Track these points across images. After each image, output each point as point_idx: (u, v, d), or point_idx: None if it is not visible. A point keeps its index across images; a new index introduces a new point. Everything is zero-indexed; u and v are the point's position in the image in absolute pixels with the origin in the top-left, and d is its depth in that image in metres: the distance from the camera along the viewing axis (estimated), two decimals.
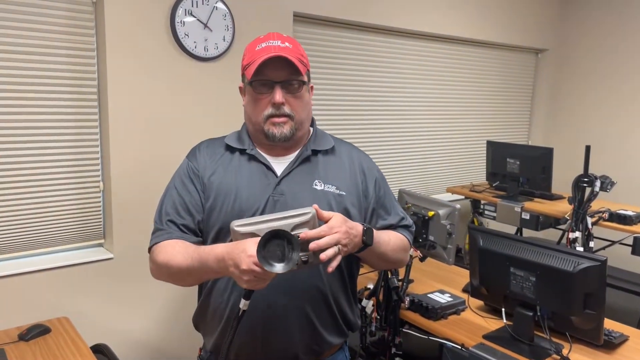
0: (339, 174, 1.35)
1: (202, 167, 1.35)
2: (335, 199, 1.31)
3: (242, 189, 1.30)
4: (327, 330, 1.33)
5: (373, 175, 1.40)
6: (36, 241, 2.14)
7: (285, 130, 1.28)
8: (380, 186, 1.41)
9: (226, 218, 1.27)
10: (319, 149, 1.36)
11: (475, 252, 1.80)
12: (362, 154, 1.44)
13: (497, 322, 1.85)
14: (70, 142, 2.15)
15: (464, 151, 3.97)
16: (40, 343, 1.76)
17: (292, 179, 1.31)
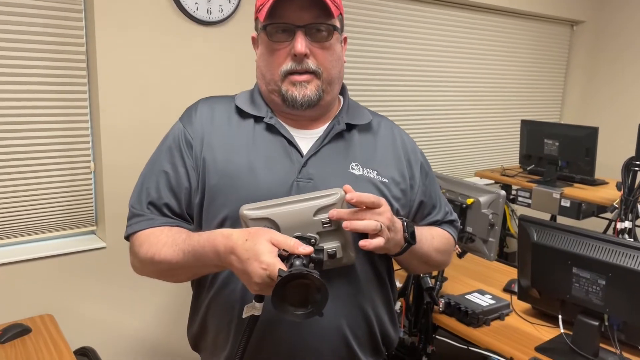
0: (381, 157, 1.07)
1: (198, 135, 1.04)
2: (377, 188, 1.03)
3: (258, 170, 0.99)
4: (364, 351, 1.05)
5: (418, 159, 1.14)
6: (20, 228, 1.90)
7: (309, 91, 0.97)
8: (427, 174, 1.15)
9: (235, 206, 0.94)
10: (355, 123, 1.07)
11: (526, 247, 1.50)
12: (404, 133, 1.17)
13: (550, 331, 1.56)
14: (57, 117, 1.89)
15: (493, 131, 3.64)
16: (18, 346, 1.53)
17: (322, 159, 1.01)
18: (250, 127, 1.04)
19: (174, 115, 2.07)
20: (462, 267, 2.04)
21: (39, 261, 1.88)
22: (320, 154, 1.01)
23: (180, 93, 2.08)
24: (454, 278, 1.92)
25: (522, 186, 3.17)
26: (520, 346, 1.47)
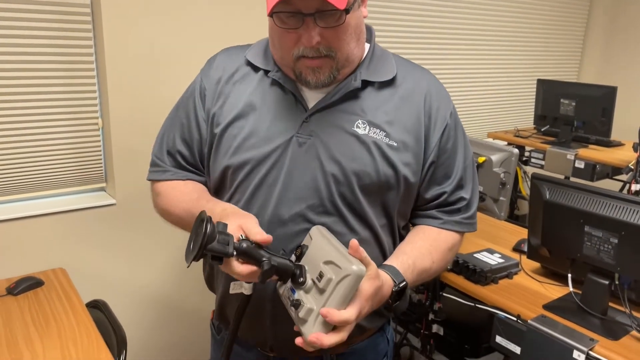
0: (395, 117, 0.98)
1: (212, 87, 1.04)
2: (381, 151, 0.96)
3: (260, 123, 0.98)
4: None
5: (443, 119, 1.01)
6: (31, 184, 1.91)
7: (322, 76, 0.93)
8: (450, 137, 1.02)
9: (235, 156, 0.98)
10: (373, 79, 0.98)
11: (538, 206, 1.48)
12: (435, 87, 1.04)
13: (558, 290, 1.55)
14: (64, 73, 1.87)
15: (508, 91, 3.55)
16: (31, 298, 1.56)
17: (328, 116, 0.97)
18: (259, 80, 1.02)
19: (181, 70, 2.04)
20: None
21: (50, 217, 1.90)
22: (327, 110, 0.97)
23: (188, 48, 2.03)
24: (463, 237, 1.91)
25: (535, 147, 3.11)
26: (528, 304, 1.47)
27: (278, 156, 0.97)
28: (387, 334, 1.16)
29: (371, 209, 0.99)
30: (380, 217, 1.01)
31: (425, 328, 1.67)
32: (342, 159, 0.95)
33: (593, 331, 1.33)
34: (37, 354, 1.29)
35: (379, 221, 1.01)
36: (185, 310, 2.26)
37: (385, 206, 1.01)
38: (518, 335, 1.39)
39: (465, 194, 1.06)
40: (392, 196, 1.00)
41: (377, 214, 1.00)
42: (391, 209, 1.02)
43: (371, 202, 0.98)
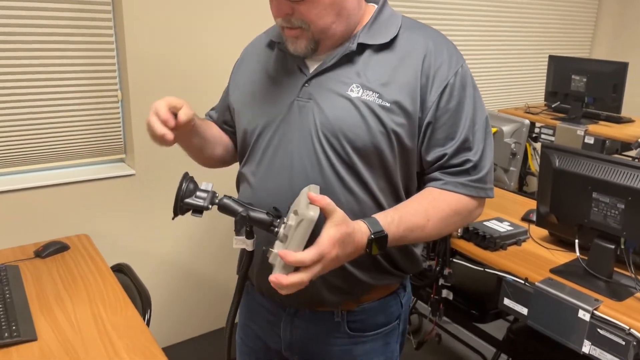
0: (390, 78, 0.98)
1: (241, 60, 1.20)
2: (373, 112, 0.97)
3: (265, 90, 1.07)
4: (361, 269, 1.05)
5: (443, 79, 0.98)
6: (54, 154, 1.97)
7: (298, 47, 0.99)
8: (452, 97, 0.99)
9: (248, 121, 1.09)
10: (370, 42, 1.00)
11: (547, 174, 1.52)
12: (438, 47, 1.01)
13: (566, 255, 1.60)
14: (83, 46, 1.92)
15: (519, 68, 3.56)
16: (58, 260, 1.63)
17: (325, 80, 1.01)
18: (271, 52, 1.11)
19: (200, 42, 2.08)
20: None
21: (73, 185, 1.97)
22: (325, 75, 1.01)
23: (207, 20, 2.07)
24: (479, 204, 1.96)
25: (545, 123, 3.13)
26: (536, 268, 1.52)
27: (281, 119, 1.03)
28: (402, 299, 1.17)
29: (368, 171, 1.00)
30: (380, 179, 1.02)
31: (435, 293, 1.73)
32: (335, 122, 0.98)
33: (598, 293, 1.38)
34: (68, 311, 1.36)
35: (377, 184, 1.02)
36: (203, 277, 2.34)
37: (384, 169, 1.01)
38: (525, 297, 1.45)
39: (472, 156, 1.01)
40: (390, 158, 1.00)
41: (375, 176, 1.01)
42: (392, 171, 1.02)
43: (367, 164, 1.00)
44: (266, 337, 1.19)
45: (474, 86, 1.04)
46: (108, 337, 1.26)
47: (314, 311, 1.10)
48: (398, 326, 1.17)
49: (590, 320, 1.29)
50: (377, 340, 1.13)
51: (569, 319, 1.33)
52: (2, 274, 1.47)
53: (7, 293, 1.38)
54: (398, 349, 1.20)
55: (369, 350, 1.13)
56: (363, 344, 1.12)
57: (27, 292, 1.43)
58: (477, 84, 1.07)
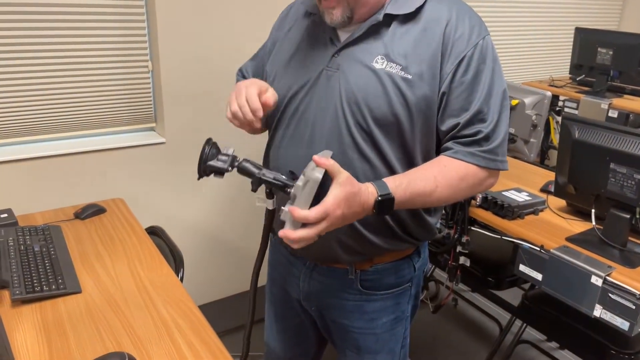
0: (413, 49, 1.00)
1: (277, 27, 1.25)
2: (395, 85, 1.00)
3: (297, 58, 1.12)
4: (374, 233, 1.11)
5: (461, 50, 1.00)
6: (89, 122, 2.07)
7: (334, 17, 1.02)
8: (470, 69, 1.01)
9: (280, 91, 1.13)
10: (395, 13, 1.02)
11: (567, 145, 1.55)
12: (460, 17, 1.02)
13: (582, 225, 1.64)
14: (115, 17, 1.98)
15: (543, 40, 3.51)
16: (96, 222, 1.73)
17: (353, 51, 1.05)
18: (307, 22, 1.15)
19: (231, 12, 2.13)
20: None
21: (106, 152, 2.06)
22: (353, 46, 1.05)
23: None
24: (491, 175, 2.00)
25: (570, 97, 3.12)
26: (552, 236, 1.57)
27: (309, 87, 1.09)
28: (415, 264, 1.22)
29: (387, 141, 1.04)
30: (397, 150, 1.05)
31: (453, 260, 1.80)
32: (358, 92, 1.03)
33: (612, 261, 1.43)
34: (108, 268, 1.46)
35: (395, 154, 1.05)
36: (231, 240, 2.44)
37: (402, 140, 1.05)
38: (541, 263, 1.50)
39: (485, 128, 1.02)
40: (408, 130, 1.03)
41: (393, 146, 1.05)
42: (410, 143, 1.05)
43: (386, 134, 1.04)
44: (288, 287, 1.31)
45: (494, 59, 1.05)
46: (146, 291, 1.35)
47: (331, 267, 1.18)
48: (410, 288, 1.23)
49: (603, 285, 1.34)
50: (387, 299, 1.20)
51: (582, 284, 1.39)
52: (46, 232, 1.58)
53: (52, 250, 1.49)
54: (409, 310, 1.26)
55: (379, 308, 1.20)
56: (374, 301, 1.20)
57: (70, 250, 1.53)
58: (500, 56, 1.10)
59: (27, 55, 1.85)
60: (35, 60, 1.88)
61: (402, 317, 1.24)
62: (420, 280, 1.27)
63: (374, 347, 1.24)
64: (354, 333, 1.23)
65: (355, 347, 1.26)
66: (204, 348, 1.14)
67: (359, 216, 0.94)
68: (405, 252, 1.20)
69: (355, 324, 1.22)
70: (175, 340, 1.16)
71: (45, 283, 1.33)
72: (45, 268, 1.39)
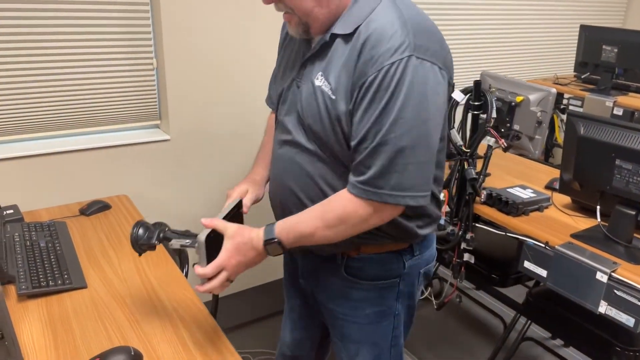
0: (341, 68, 1.00)
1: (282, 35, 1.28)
2: (324, 102, 1.02)
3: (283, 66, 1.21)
4: None
5: (367, 75, 0.94)
6: (94, 119, 2.07)
7: (292, 30, 1.07)
8: (367, 93, 0.94)
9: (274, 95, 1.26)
10: (339, 32, 1.01)
11: (572, 141, 1.55)
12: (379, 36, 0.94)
13: (587, 222, 1.64)
14: (120, 14, 1.99)
15: (548, 37, 3.50)
16: (101, 218, 1.74)
17: (309, 65, 1.09)
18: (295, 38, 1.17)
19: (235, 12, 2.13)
20: (505, 166, 2.10)
21: (111, 149, 2.07)
22: (311, 61, 1.09)
23: None
24: (497, 175, 2.00)
25: (574, 94, 3.11)
26: (557, 233, 1.57)
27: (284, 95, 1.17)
28: (406, 260, 1.19)
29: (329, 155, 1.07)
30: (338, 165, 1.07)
31: (457, 256, 1.79)
32: (305, 105, 1.07)
33: (617, 257, 1.43)
34: (114, 264, 1.47)
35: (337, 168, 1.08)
36: None
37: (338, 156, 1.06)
38: (545, 260, 1.50)
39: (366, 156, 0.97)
40: (337, 147, 1.04)
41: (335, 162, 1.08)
42: (346, 158, 1.05)
43: (326, 148, 1.07)
44: (292, 264, 1.39)
45: (409, 84, 0.92)
46: (151, 287, 1.36)
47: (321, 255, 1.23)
48: (398, 284, 1.21)
49: (608, 282, 1.34)
50: (371, 290, 1.21)
51: (587, 280, 1.39)
52: (52, 228, 1.59)
53: (57, 246, 1.49)
54: (399, 307, 1.23)
55: (362, 298, 1.21)
56: (357, 289, 1.21)
57: (75, 245, 1.54)
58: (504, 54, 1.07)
59: (30, 53, 1.86)
60: (39, 57, 1.88)
61: (389, 313, 1.23)
62: (414, 280, 1.24)
63: (357, 337, 1.25)
64: (339, 319, 1.26)
65: (340, 334, 1.28)
66: (209, 343, 1.15)
67: (259, 257, 1.07)
68: (392, 246, 1.18)
69: (340, 309, 1.24)
70: (181, 336, 1.17)
71: (51, 278, 1.33)
72: (51, 263, 1.40)
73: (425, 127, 0.95)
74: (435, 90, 0.95)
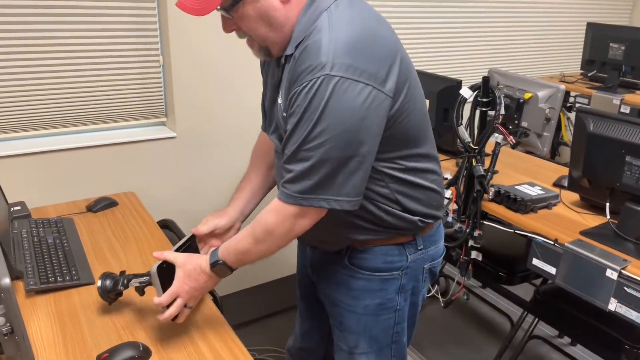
0: (287, 86, 1.04)
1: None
2: (282, 119, 1.07)
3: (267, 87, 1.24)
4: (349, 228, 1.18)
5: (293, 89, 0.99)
6: (101, 116, 2.07)
7: (256, 54, 1.11)
8: (292, 104, 0.99)
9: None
10: (288, 52, 1.04)
11: (581, 138, 1.54)
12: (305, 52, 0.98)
13: (596, 219, 1.63)
14: (127, 11, 1.99)
15: (554, 35, 3.49)
16: (108, 215, 1.74)
17: (277, 86, 1.13)
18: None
19: None
20: (513, 164, 2.09)
21: (118, 146, 2.07)
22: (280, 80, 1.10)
23: None
24: (505, 173, 1.99)
25: (581, 92, 3.09)
26: (566, 230, 1.56)
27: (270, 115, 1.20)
28: (408, 253, 1.20)
29: None
30: None
31: (465, 254, 1.79)
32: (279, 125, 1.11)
33: (627, 254, 1.42)
34: (121, 260, 1.47)
35: None
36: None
37: None
38: (554, 257, 1.49)
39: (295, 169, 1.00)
40: None
41: None
42: None
43: None
44: (303, 255, 1.43)
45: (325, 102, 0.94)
46: None
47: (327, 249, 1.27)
48: (400, 278, 1.21)
49: (618, 279, 1.33)
50: (372, 281, 1.21)
51: (597, 278, 1.38)
52: (59, 225, 1.59)
53: (65, 242, 1.50)
54: (401, 302, 1.23)
55: (363, 288, 1.21)
56: (359, 280, 1.21)
57: (82, 242, 1.54)
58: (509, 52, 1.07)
59: (36, 50, 1.86)
60: (46, 55, 1.89)
61: (390, 307, 1.23)
62: (418, 275, 1.24)
63: (355, 328, 1.25)
64: (339, 307, 1.26)
65: (339, 323, 1.28)
66: (217, 340, 1.15)
67: (211, 280, 1.13)
68: (396, 239, 1.19)
69: (341, 297, 1.25)
70: (189, 332, 1.17)
71: (59, 274, 1.33)
72: (59, 259, 1.40)
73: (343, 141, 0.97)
74: (358, 108, 0.96)
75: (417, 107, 1.08)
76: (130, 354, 1.06)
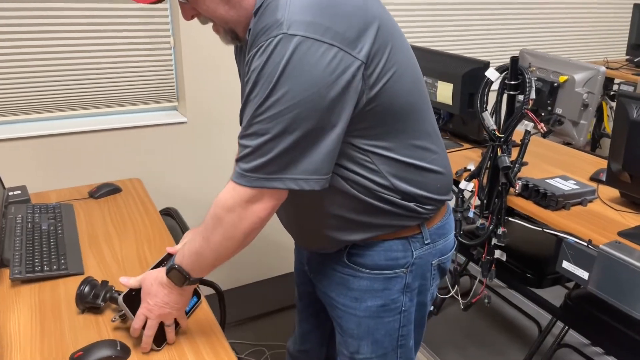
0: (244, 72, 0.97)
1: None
2: None
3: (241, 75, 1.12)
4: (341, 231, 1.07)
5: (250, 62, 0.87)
6: (110, 100, 2.02)
7: (224, 39, 1.01)
8: (249, 80, 0.87)
9: None
10: (251, 27, 0.92)
11: (622, 126, 1.36)
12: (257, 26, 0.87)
13: (637, 218, 1.46)
14: None
15: (597, 18, 3.24)
16: (110, 202, 1.68)
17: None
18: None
19: None
20: (545, 155, 1.91)
21: (127, 130, 2.01)
22: None
23: None
24: (534, 165, 1.82)
25: (626, 80, 2.85)
26: (602, 230, 1.39)
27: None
28: (414, 249, 1.10)
29: None
30: None
31: (487, 253, 1.64)
32: None
33: None
34: (115, 249, 1.40)
35: None
36: None
37: None
38: (587, 260, 1.33)
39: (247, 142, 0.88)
40: None
41: None
42: None
43: None
44: (300, 251, 1.34)
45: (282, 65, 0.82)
46: None
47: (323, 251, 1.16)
48: (405, 276, 1.10)
49: None
50: (374, 280, 1.10)
51: (635, 285, 1.22)
52: (57, 211, 1.53)
53: (59, 229, 1.43)
54: (406, 302, 1.13)
55: (364, 288, 1.11)
56: (359, 279, 1.11)
57: (79, 229, 1.48)
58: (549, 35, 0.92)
59: (44, 29, 1.81)
60: (54, 35, 1.83)
61: (394, 308, 1.12)
62: (425, 272, 1.13)
63: (355, 331, 1.15)
64: (338, 309, 1.16)
65: (339, 326, 1.19)
66: (204, 340, 1.06)
67: (173, 292, 1.01)
68: (399, 233, 1.07)
69: (340, 299, 1.15)
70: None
71: (47, 263, 1.27)
72: (50, 247, 1.34)
73: (305, 110, 0.84)
74: (322, 71, 0.83)
75: (404, 79, 0.93)
76: (107, 354, 0.98)
